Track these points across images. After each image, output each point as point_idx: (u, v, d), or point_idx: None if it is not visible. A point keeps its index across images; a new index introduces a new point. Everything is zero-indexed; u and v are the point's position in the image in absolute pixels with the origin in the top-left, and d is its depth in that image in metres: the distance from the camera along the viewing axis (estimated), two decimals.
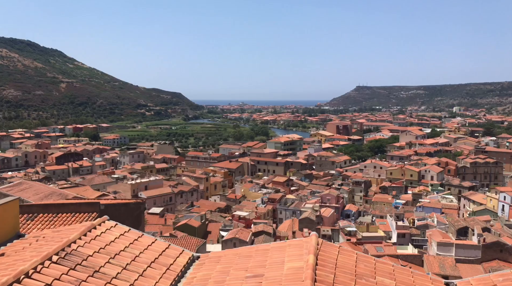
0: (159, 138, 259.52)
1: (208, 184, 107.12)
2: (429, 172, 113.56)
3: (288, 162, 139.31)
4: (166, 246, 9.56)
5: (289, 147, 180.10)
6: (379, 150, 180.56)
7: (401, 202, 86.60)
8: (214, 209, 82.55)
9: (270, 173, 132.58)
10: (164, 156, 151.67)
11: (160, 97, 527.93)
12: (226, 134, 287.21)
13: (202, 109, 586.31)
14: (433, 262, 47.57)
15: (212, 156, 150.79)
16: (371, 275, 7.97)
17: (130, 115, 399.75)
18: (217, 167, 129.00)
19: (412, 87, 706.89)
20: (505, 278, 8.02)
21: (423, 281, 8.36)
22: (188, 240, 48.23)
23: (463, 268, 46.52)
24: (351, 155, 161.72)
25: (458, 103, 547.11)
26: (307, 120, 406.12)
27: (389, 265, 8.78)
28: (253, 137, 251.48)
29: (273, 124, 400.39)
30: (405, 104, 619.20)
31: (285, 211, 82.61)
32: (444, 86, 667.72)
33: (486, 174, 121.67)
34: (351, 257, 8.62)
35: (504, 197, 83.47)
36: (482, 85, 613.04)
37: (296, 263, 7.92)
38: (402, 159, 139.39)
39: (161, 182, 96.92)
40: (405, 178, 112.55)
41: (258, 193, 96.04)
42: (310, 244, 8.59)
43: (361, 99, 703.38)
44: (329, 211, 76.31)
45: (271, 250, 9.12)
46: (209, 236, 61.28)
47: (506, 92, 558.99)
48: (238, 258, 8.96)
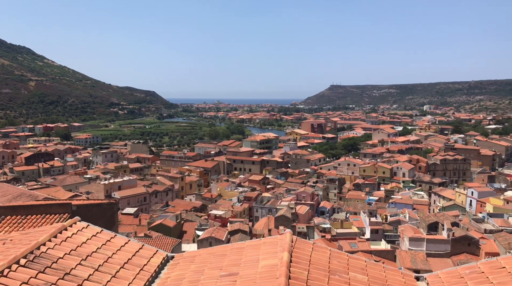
0: (132, 137, 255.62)
1: (184, 183, 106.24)
2: (401, 169, 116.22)
3: (264, 160, 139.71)
4: (139, 246, 9.43)
5: (265, 145, 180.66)
6: (353, 147, 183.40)
7: (374, 199, 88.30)
8: (190, 208, 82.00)
9: (246, 171, 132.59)
10: (138, 156, 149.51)
11: (134, 96, 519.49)
12: (201, 133, 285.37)
13: (177, 108, 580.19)
14: (405, 257, 48.77)
15: (187, 155, 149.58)
16: (344, 271, 8.11)
17: (102, 114, 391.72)
18: (192, 166, 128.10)
19: (384, 86, 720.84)
20: (472, 270, 8.31)
21: (394, 275, 8.57)
22: (163, 240, 47.72)
23: (434, 262, 47.88)
24: (325, 152, 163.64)
25: (429, 102, 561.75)
26: (282, 119, 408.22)
27: (362, 260, 8.95)
28: (229, 136, 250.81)
29: (249, 123, 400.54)
30: (377, 103, 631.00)
31: (261, 209, 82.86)
32: (415, 85, 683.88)
33: (455, 170, 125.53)
34: (324, 253, 8.74)
35: (472, 193, 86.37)
36: (451, 84, 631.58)
37: (270, 261, 7.96)
38: (375, 156, 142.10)
39: (135, 182, 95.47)
40: (377, 175, 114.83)
41: (234, 192, 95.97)
42: (284, 241, 8.66)
43: (335, 98, 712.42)
44: (305, 208, 77.06)
45: (246, 248, 9.14)
46: (185, 235, 60.82)
47: (473, 91, 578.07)
48: (213, 257, 8.94)
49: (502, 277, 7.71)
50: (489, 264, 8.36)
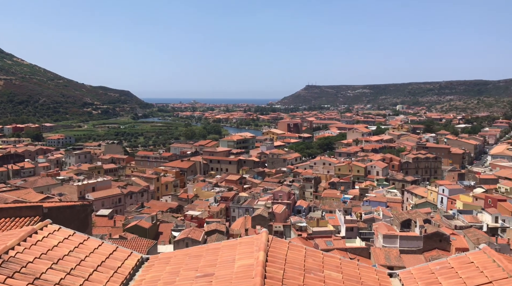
0: (107, 138, 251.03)
1: (159, 184, 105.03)
2: (374, 168, 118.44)
3: (241, 160, 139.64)
4: (113, 248, 9.27)
5: (242, 145, 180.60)
6: (328, 147, 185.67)
7: (349, 197, 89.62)
8: (166, 209, 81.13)
9: (223, 171, 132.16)
10: (113, 156, 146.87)
11: (108, 96, 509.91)
12: (177, 133, 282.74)
13: (152, 107, 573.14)
14: (379, 254, 49.70)
15: (163, 155, 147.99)
16: (319, 269, 8.20)
17: (75, 114, 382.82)
18: (168, 167, 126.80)
19: (358, 87, 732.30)
20: (442, 266, 8.55)
21: (368, 273, 8.72)
22: (138, 242, 47.06)
23: (407, 258, 48.98)
24: (301, 152, 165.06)
25: (401, 102, 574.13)
26: (259, 119, 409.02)
27: (337, 258, 9.07)
28: (205, 136, 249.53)
29: (226, 122, 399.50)
30: (352, 103, 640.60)
31: (238, 209, 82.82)
32: (388, 86, 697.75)
33: (427, 168, 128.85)
34: (300, 252, 8.81)
35: (443, 190, 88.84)
36: (423, 84, 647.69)
37: (246, 261, 7.97)
38: (350, 155, 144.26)
39: (109, 183, 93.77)
40: (352, 173, 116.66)
41: (210, 192, 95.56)
42: (260, 241, 8.68)
43: (311, 98, 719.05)
44: (281, 208, 77.48)
45: (222, 248, 9.12)
46: (161, 237, 60.14)
47: (443, 91, 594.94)
48: (189, 258, 8.88)
49: (470, 272, 7.96)
50: (458, 260, 8.62)
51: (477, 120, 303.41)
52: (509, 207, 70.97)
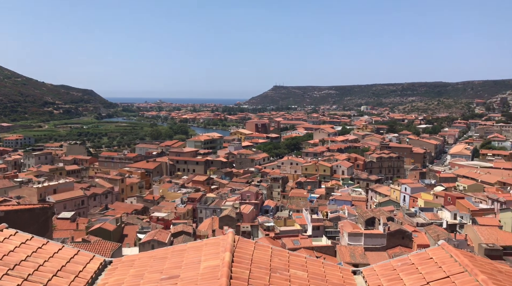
0: (69, 138, 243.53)
1: (124, 185, 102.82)
2: (340, 167, 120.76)
3: (208, 160, 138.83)
4: (74, 252, 8.98)
5: (209, 145, 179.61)
6: (295, 147, 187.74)
7: (315, 196, 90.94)
8: (131, 211, 79.54)
9: (190, 172, 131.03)
10: (75, 157, 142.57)
11: (70, 95, 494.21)
12: (142, 133, 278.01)
13: (117, 107, 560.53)
14: (344, 252, 50.70)
15: (127, 156, 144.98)
16: (285, 268, 8.26)
17: (35, 114, 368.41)
18: (133, 168, 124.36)
19: (324, 88, 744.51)
20: (403, 262, 8.82)
21: (332, 271, 8.88)
22: (102, 245, 45.86)
23: (371, 255, 50.21)
24: (269, 152, 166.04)
25: (366, 103, 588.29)
26: (227, 119, 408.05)
27: (302, 257, 9.17)
28: (171, 136, 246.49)
29: (193, 122, 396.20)
30: (318, 103, 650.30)
31: (205, 209, 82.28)
32: (353, 87, 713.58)
33: (390, 167, 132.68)
34: (266, 252, 8.85)
35: (405, 189, 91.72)
36: (386, 86, 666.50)
37: (212, 262, 7.93)
38: (316, 155, 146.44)
39: (71, 185, 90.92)
40: (319, 173, 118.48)
41: (177, 193, 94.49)
42: (226, 241, 8.66)
43: (278, 98, 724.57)
44: (249, 208, 77.62)
45: (187, 250, 9.03)
46: (126, 239, 58.86)
47: (406, 93, 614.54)
48: (153, 261, 8.73)
49: (430, 267, 8.26)
50: (419, 256, 8.92)
51: (437, 121, 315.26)
52: (467, 204, 74.14)
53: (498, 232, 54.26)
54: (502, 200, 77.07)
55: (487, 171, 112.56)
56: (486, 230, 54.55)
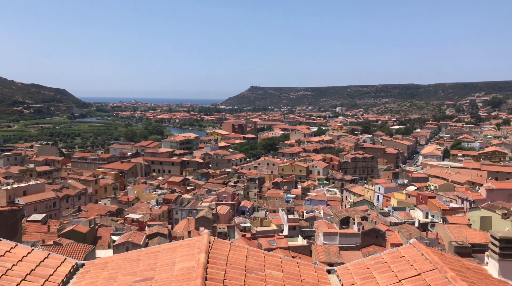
0: (40, 138, 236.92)
1: (98, 186, 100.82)
2: (316, 167, 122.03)
3: (184, 161, 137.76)
4: (45, 255, 8.75)
5: (185, 146, 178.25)
6: (272, 147, 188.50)
7: (291, 196, 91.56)
8: (105, 212, 78.07)
9: (165, 173, 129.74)
10: (47, 158, 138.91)
11: (41, 94, 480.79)
12: (117, 133, 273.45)
13: (90, 107, 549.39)
14: (320, 251, 51.23)
15: (101, 157, 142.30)
16: (260, 268, 8.28)
17: (4, 114, 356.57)
18: (107, 168, 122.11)
19: (300, 89, 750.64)
20: (376, 261, 8.98)
21: (307, 270, 8.96)
22: (74, 248, 44.80)
23: (346, 254, 50.93)
24: (246, 152, 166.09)
25: (340, 104, 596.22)
26: (203, 119, 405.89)
27: (277, 257, 9.22)
28: (146, 136, 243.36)
29: (168, 123, 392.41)
30: (294, 104, 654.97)
31: (181, 211, 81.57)
32: (328, 88, 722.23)
33: (364, 168, 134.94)
34: (242, 252, 8.85)
35: (379, 188, 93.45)
36: (360, 87, 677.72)
37: (187, 263, 7.87)
38: (292, 155, 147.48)
39: (43, 186, 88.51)
40: (295, 173, 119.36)
41: (152, 194, 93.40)
42: (201, 242, 8.62)
43: (255, 99, 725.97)
44: (225, 208, 77.43)
45: (162, 251, 8.94)
46: (99, 241, 57.70)
47: (379, 94, 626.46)
48: (127, 263, 8.60)
49: (402, 266, 8.44)
50: (391, 254, 9.11)
51: (410, 122, 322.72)
52: (438, 204, 76.17)
53: (467, 230, 55.96)
54: (471, 199, 79.59)
55: (457, 171, 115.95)
56: (456, 228, 56.18)
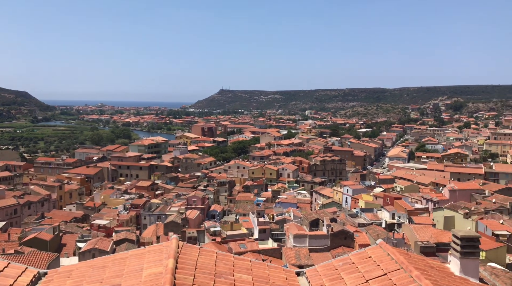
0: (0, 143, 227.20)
1: (62, 192, 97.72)
2: (286, 170, 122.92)
3: (152, 165, 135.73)
4: (4, 265, 8.39)
5: (154, 149, 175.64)
6: (242, 150, 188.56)
7: (262, 199, 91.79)
8: (70, 219, 75.81)
9: (133, 177, 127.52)
10: (7, 163, 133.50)
11: (1, 97, 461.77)
12: (82, 137, 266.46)
13: (54, 110, 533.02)
14: (290, 254, 51.53)
15: (66, 161, 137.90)
16: (230, 272, 8.25)
17: None
18: (72, 174, 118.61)
19: (270, 92, 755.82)
20: (344, 262, 9.13)
21: (277, 273, 8.99)
22: (37, 256, 43.18)
23: (316, 256, 51.44)
24: (216, 156, 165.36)
25: (310, 107, 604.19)
26: (172, 123, 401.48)
27: (247, 261, 9.20)
28: (113, 140, 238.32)
29: (136, 126, 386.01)
30: (264, 107, 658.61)
31: (149, 216, 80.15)
32: (298, 92, 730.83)
33: (333, 170, 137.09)
34: (211, 257, 8.79)
35: (347, 190, 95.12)
36: (328, 91, 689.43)
37: (155, 269, 7.75)
38: (263, 158, 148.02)
39: (3, 193, 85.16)
40: (265, 176, 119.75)
41: (120, 199, 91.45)
42: (170, 248, 8.50)
43: (225, 102, 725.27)
44: (195, 213, 76.72)
45: (129, 258, 8.75)
46: (64, 249, 55.91)
47: (347, 98, 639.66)
48: (93, 270, 8.37)
49: (369, 266, 8.62)
50: (359, 255, 9.28)
51: (376, 125, 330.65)
52: (404, 205, 78.29)
53: (432, 230, 57.77)
54: (435, 200, 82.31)
55: (421, 173, 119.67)
56: (421, 228, 57.89)
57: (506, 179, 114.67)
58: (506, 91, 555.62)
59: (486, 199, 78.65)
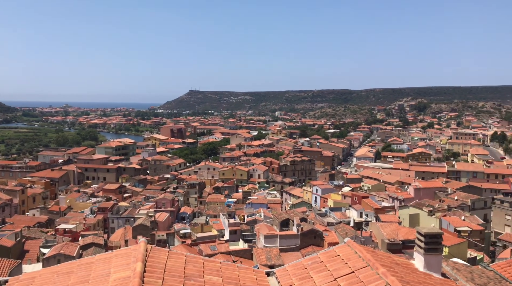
0: None
1: (25, 196, 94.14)
2: (256, 171, 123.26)
3: (120, 167, 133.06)
4: None
5: (121, 151, 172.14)
6: (212, 152, 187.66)
7: (232, 201, 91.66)
8: (33, 224, 73.10)
9: (100, 180, 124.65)
10: None
11: None
12: (47, 139, 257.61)
13: (16, 111, 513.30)
14: (260, 254, 51.72)
15: (29, 165, 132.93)
16: (199, 274, 8.20)
17: None
18: (36, 177, 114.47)
19: (240, 93, 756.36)
20: (313, 261, 9.25)
21: (247, 274, 9.01)
22: None
23: (286, 256, 51.86)
24: (185, 157, 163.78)
25: (279, 108, 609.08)
26: (140, 124, 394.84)
27: (217, 262, 9.18)
28: (79, 142, 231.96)
29: (103, 128, 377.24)
30: (234, 108, 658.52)
31: (117, 219, 78.53)
32: (268, 93, 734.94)
33: (303, 170, 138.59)
34: (180, 259, 8.71)
35: (316, 190, 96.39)
36: (298, 92, 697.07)
37: (123, 273, 7.60)
38: (233, 159, 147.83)
39: None
40: (236, 177, 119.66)
41: (86, 203, 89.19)
42: (138, 251, 8.37)
43: (194, 103, 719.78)
44: (164, 215, 75.74)
45: (95, 262, 8.55)
46: (27, 255, 53.89)
47: (316, 99, 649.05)
48: (57, 276, 8.12)
49: (337, 264, 8.77)
50: (327, 254, 9.43)
51: (344, 125, 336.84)
52: (371, 203, 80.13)
53: (398, 228, 59.41)
54: (401, 198, 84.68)
55: (387, 172, 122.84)
56: (388, 226, 59.43)
57: (467, 177, 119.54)
58: (467, 92, 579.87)
59: (448, 197, 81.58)
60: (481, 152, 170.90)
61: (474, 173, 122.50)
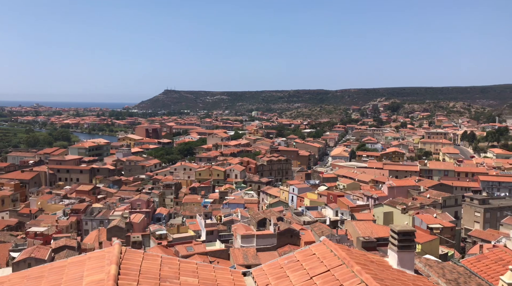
0: None
1: None
2: (233, 171, 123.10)
3: (94, 168, 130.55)
4: None
5: (95, 152, 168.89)
6: (189, 152, 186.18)
7: (209, 201, 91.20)
8: (2, 227, 70.92)
9: (73, 181, 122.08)
10: None
11: None
12: (16, 140, 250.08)
13: None
14: (238, 254, 51.64)
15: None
16: (175, 276, 8.12)
17: None
18: (5, 179, 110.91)
19: (216, 93, 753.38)
20: (289, 260, 9.31)
21: (223, 274, 8.98)
22: None
23: (263, 256, 51.94)
24: (161, 158, 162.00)
25: (256, 108, 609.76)
26: (114, 124, 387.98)
27: (193, 263, 9.11)
28: (51, 143, 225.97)
29: (76, 128, 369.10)
30: (211, 108, 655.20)
31: (91, 221, 76.96)
32: (244, 93, 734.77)
33: (279, 170, 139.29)
34: (155, 261, 8.60)
35: (293, 189, 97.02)
36: (274, 92, 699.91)
37: (96, 276, 7.45)
38: (210, 160, 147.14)
39: None
40: (212, 177, 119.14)
41: (59, 205, 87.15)
42: (112, 254, 8.22)
43: (170, 102, 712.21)
44: (140, 217, 74.71)
45: (68, 265, 8.35)
46: None
47: (292, 99, 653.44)
48: (27, 281, 7.88)
49: (313, 263, 8.85)
50: (303, 253, 9.50)
51: (320, 125, 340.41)
52: (346, 202, 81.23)
53: (373, 226, 60.48)
54: (375, 197, 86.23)
55: (362, 171, 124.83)
56: (363, 224, 60.42)
57: (439, 175, 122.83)
58: (438, 93, 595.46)
59: (421, 195, 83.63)
60: (452, 151, 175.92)
61: (446, 171, 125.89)
